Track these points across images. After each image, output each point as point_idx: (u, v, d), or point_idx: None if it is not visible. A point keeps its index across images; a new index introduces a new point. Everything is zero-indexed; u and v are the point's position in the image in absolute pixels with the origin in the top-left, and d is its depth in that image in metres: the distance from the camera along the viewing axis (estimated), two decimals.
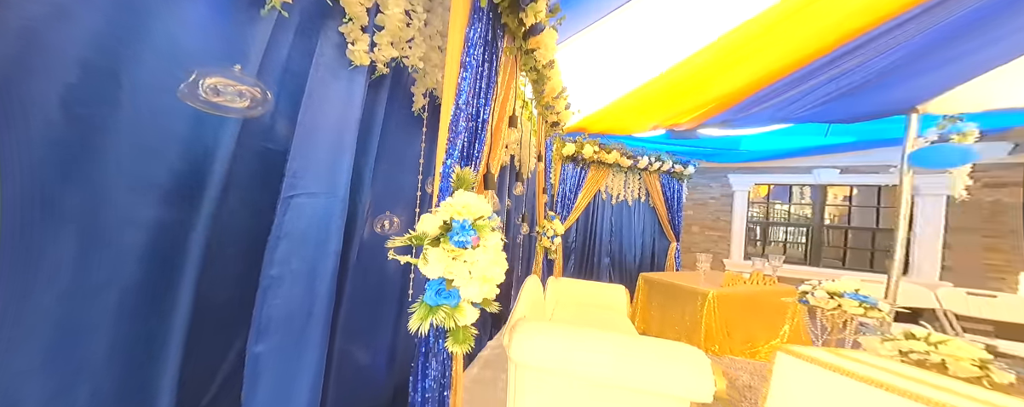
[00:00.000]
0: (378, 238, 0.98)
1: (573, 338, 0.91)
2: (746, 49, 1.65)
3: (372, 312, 1.02)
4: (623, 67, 2.03)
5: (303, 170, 0.73)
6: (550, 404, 0.91)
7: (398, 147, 1.06)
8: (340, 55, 0.79)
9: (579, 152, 3.20)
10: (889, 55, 1.55)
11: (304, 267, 0.74)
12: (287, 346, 0.71)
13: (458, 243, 0.64)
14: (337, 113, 0.79)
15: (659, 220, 3.67)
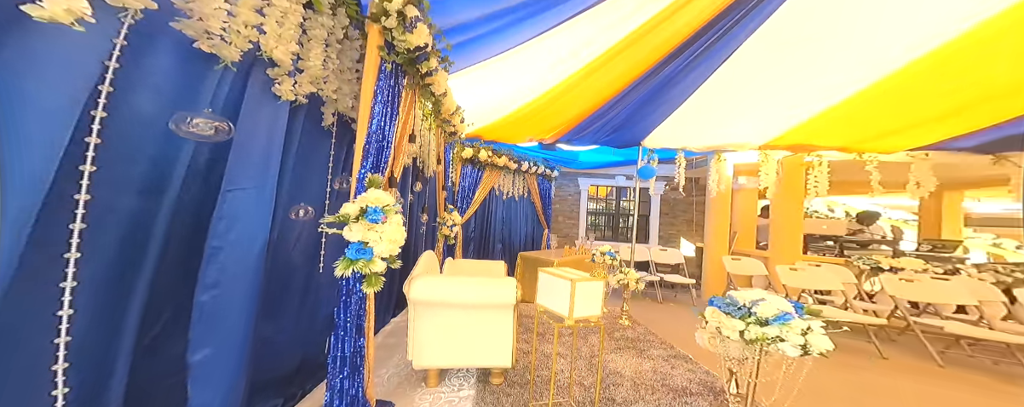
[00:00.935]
0: (293, 222, 1.25)
1: (445, 281, 1.46)
2: (573, 93, 2.60)
3: (286, 278, 1.28)
4: (508, 93, 2.73)
5: (237, 173, 0.99)
6: (435, 323, 1.44)
7: (311, 155, 1.34)
8: (267, 90, 1.06)
9: (476, 155, 3.81)
10: (635, 106, 2.80)
11: (240, 240, 0.99)
12: (228, 293, 0.96)
13: (372, 220, 1.07)
14: (265, 132, 1.06)
15: (536, 212, 4.74)
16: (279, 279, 1.21)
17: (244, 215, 0.99)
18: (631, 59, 2.18)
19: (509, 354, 1.56)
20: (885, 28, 1.73)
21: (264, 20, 1.01)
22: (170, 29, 0.80)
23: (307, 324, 1.41)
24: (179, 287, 0.90)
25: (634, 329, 2.67)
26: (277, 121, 1.10)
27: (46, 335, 0.65)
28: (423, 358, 1.46)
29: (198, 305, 0.90)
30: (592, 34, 1.94)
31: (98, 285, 0.72)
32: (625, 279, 2.73)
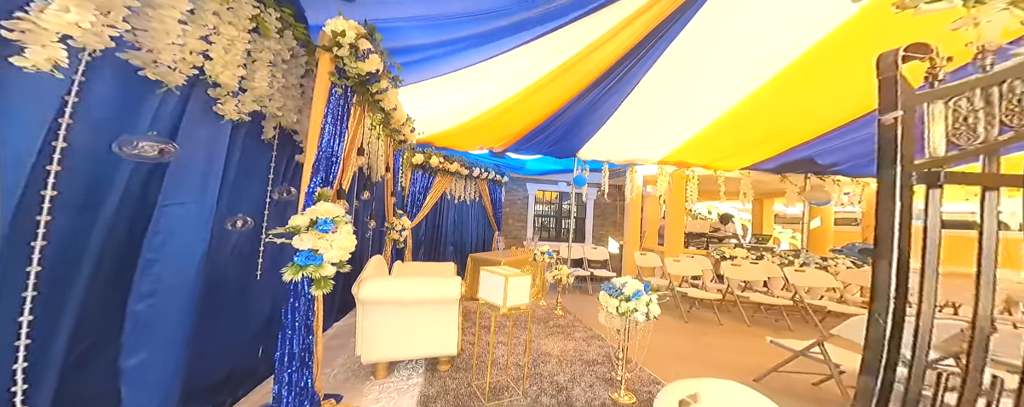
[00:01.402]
0: (231, 233, 1.31)
1: (394, 281, 1.64)
2: (520, 108, 2.93)
3: (223, 286, 1.31)
4: (460, 104, 2.93)
5: (175, 189, 1.04)
6: (384, 320, 1.60)
7: (251, 167, 1.40)
8: (208, 110, 1.13)
9: (427, 161, 3.93)
10: (569, 124, 3.27)
11: (177, 252, 1.04)
12: (164, 302, 1.02)
13: (323, 230, 1.21)
14: (205, 150, 1.12)
15: (487, 215, 5.02)
16: (217, 287, 1.25)
17: (181, 229, 1.05)
18: (566, 83, 2.59)
19: (454, 343, 1.79)
20: (726, 71, 2.42)
21: (210, 47, 1.08)
22: (113, 57, 0.86)
23: (241, 331, 1.44)
24: (113, 298, 0.94)
25: (565, 318, 3.12)
26: (218, 139, 1.16)
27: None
28: (372, 352, 1.61)
29: (132, 314, 0.95)
30: (533, 62, 2.27)
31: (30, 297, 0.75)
32: (559, 274, 3.17)
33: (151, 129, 0.94)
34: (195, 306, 1.10)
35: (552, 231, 6.07)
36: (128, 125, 0.89)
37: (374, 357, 1.63)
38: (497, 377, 1.86)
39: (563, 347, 2.40)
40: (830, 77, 2.31)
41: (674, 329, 3.03)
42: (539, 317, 3.11)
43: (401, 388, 1.64)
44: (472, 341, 2.39)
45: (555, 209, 6.14)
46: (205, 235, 1.12)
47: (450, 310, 1.78)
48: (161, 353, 1.00)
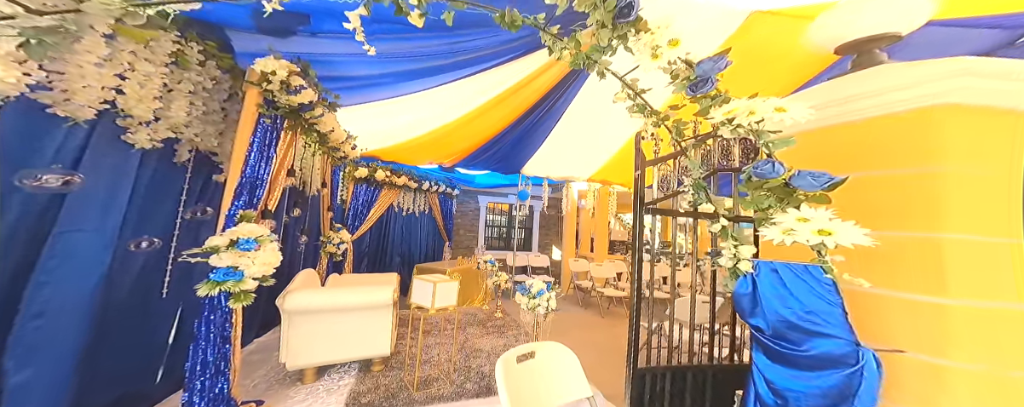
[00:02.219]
0: (135, 254, 1.34)
1: (321, 292, 1.79)
2: (467, 128, 3.22)
3: (124, 307, 1.34)
4: (407, 122, 3.12)
5: (75, 216, 1.09)
6: (312, 329, 1.73)
7: (160, 190, 1.44)
8: (115, 139, 1.20)
9: (372, 175, 4.00)
10: (512, 143, 3.66)
11: (70, 275, 1.09)
12: (53, 324, 1.05)
13: (244, 249, 1.35)
14: (109, 178, 1.18)
15: (438, 227, 5.18)
16: (115, 309, 1.27)
17: (78, 253, 1.10)
18: (507, 108, 2.92)
19: (388, 344, 1.96)
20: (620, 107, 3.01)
21: (124, 83, 1.17)
22: (23, 97, 0.94)
23: (141, 350, 1.45)
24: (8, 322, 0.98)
25: (503, 320, 3.43)
26: (125, 167, 1.24)
27: None
28: (298, 359, 1.71)
29: (22, 334, 0.98)
30: (474, 91, 2.54)
31: None
32: (498, 280, 3.48)
33: (55, 161, 1.02)
34: (88, 328, 1.14)
35: (504, 241, 6.42)
36: (32, 158, 0.97)
37: (301, 363, 1.74)
38: (429, 372, 2.06)
39: (494, 344, 2.68)
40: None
41: (592, 323, 3.53)
42: (479, 320, 3.37)
43: (331, 389, 1.76)
44: (408, 345, 2.55)
45: (506, 220, 6.52)
46: (104, 258, 1.18)
47: (384, 314, 1.96)
48: (47, 372, 1.03)
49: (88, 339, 1.12)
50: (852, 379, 0.99)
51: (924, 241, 1.04)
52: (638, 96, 1.35)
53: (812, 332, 1.02)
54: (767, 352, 1.09)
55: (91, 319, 1.12)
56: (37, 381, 0.99)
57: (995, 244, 1.00)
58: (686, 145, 1.31)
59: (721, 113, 1.12)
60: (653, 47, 1.15)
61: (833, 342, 1.00)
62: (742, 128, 1.08)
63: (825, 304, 0.99)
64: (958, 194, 1.01)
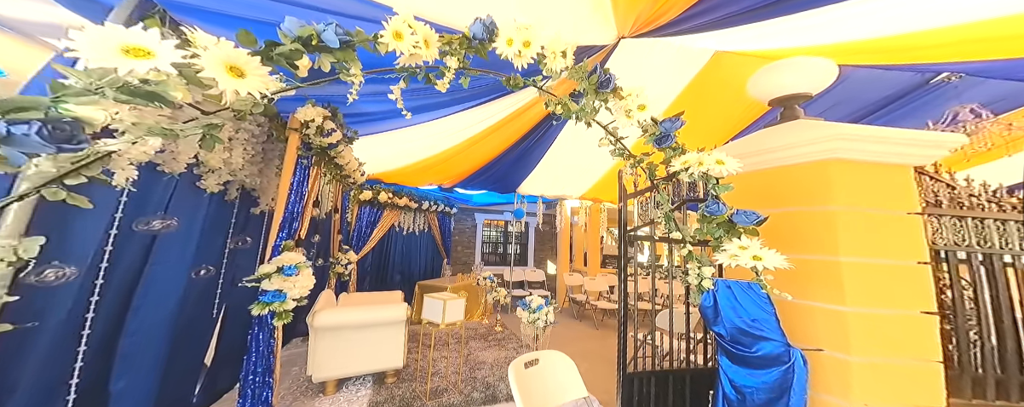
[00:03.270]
0: (197, 280, 1.58)
1: (346, 309, 2.00)
2: (465, 153, 3.52)
3: (189, 325, 1.55)
4: (410, 149, 3.41)
5: (162, 251, 1.34)
6: (334, 344, 1.93)
7: (215, 225, 1.68)
8: (192, 185, 1.47)
9: (376, 197, 4.24)
10: (509, 164, 3.97)
11: (157, 300, 1.32)
12: (145, 339, 1.28)
13: (287, 274, 1.58)
14: (187, 218, 1.44)
15: (437, 245, 5.39)
16: (182, 328, 1.49)
17: (161, 282, 1.33)
18: (503, 135, 3.23)
19: (400, 358, 2.16)
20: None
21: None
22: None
23: (196, 362, 1.64)
24: (113, 336, 1.19)
25: (503, 333, 3.63)
26: (198, 208, 1.50)
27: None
28: (322, 371, 1.90)
29: (121, 348, 1.20)
30: (473, 121, 2.84)
31: (54, 334, 1.02)
32: (497, 295, 3.70)
33: (158, 208, 1.27)
34: (166, 344, 1.37)
35: (500, 256, 6.65)
36: (144, 207, 1.22)
37: (324, 375, 1.92)
38: (438, 383, 2.25)
39: (496, 356, 2.89)
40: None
41: (586, 335, 3.76)
42: (480, 334, 3.56)
43: (351, 400, 1.94)
44: (417, 358, 2.73)
45: (502, 236, 6.77)
46: (179, 286, 1.41)
47: (397, 330, 2.17)
48: (140, 377, 1.24)
49: (165, 354, 1.32)
50: (788, 374, 1.27)
51: (829, 262, 1.34)
52: (618, 142, 1.68)
53: (758, 336, 1.28)
54: (728, 355, 1.33)
55: (168, 337, 1.33)
56: (132, 387, 1.19)
57: (873, 264, 1.33)
58: (657, 183, 1.63)
59: (679, 162, 1.45)
60: (627, 110, 1.49)
61: (772, 344, 1.28)
62: (694, 175, 1.41)
63: (764, 313, 1.25)
64: (845, 226, 1.33)
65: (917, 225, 1.38)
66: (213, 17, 1.15)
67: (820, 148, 1.39)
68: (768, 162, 1.60)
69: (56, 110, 0.55)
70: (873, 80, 2.16)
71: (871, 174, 1.38)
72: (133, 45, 0.61)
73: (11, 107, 0.51)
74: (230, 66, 0.77)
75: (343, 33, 0.99)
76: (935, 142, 1.38)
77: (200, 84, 0.74)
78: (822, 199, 1.39)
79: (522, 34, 1.22)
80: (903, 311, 1.30)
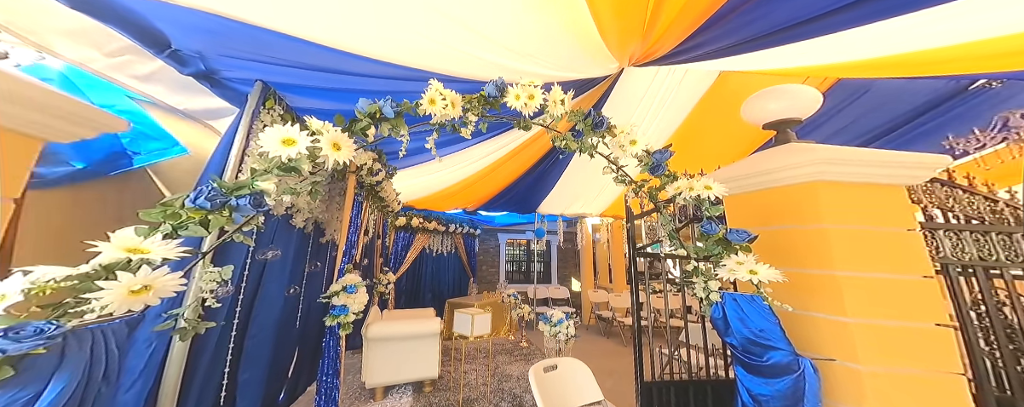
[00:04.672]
0: (289, 297, 1.98)
1: (392, 324, 2.32)
2: (487, 178, 3.89)
3: (284, 332, 1.95)
4: (438, 178, 3.86)
5: (269, 274, 1.77)
6: (384, 353, 2.23)
7: (298, 252, 2.13)
8: (286, 222, 1.93)
9: (409, 223, 4.72)
10: (528, 186, 4.28)
11: (267, 310, 1.74)
12: (260, 340, 1.67)
13: (349, 292, 1.96)
14: (284, 248, 1.89)
15: (463, 264, 5.72)
16: (280, 335, 1.88)
17: (270, 297, 1.75)
18: (521, 159, 3.55)
19: (436, 368, 2.41)
20: None
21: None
22: None
23: (286, 363, 2.02)
24: (242, 338, 1.58)
25: (528, 348, 3.75)
26: (290, 240, 1.94)
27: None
28: (373, 378, 2.19)
29: (247, 347, 1.59)
30: (495, 148, 3.22)
31: (218, 336, 1.41)
32: (521, 312, 3.87)
33: (269, 242, 1.71)
34: (272, 347, 1.75)
35: (523, 274, 6.81)
36: (260, 241, 1.65)
37: (375, 382, 2.21)
38: (470, 393, 2.45)
39: (522, 370, 3.02)
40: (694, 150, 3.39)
41: (613, 351, 3.76)
42: (507, 349, 3.71)
43: (396, 405, 2.20)
44: (450, 370, 2.95)
45: (524, 255, 6.98)
46: (280, 300, 1.82)
47: (433, 343, 2.44)
48: (257, 371, 1.61)
49: (270, 354, 1.70)
50: (798, 383, 1.32)
51: (826, 276, 1.41)
52: (619, 170, 1.93)
53: (767, 346, 1.35)
54: (743, 365, 1.38)
55: (272, 342, 1.72)
56: (252, 379, 1.56)
57: (874, 278, 1.36)
58: (660, 205, 1.81)
59: (672, 188, 1.65)
60: (621, 145, 1.75)
61: (780, 353, 1.36)
62: (687, 200, 1.60)
63: (768, 323, 1.31)
64: (838, 242, 1.40)
65: (917, 241, 1.40)
66: (302, 90, 1.60)
67: (807, 171, 1.49)
68: (764, 183, 1.68)
69: (253, 186, 0.94)
70: (899, 91, 2.13)
71: (860, 194, 1.45)
72: (287, 137, 1.01)
73: (234, 187, 0.91)
74: (334, 143, 1.17)
75: (395, 105, 1.38)
76: (920, 163, 1.43)
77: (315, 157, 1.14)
78: (813, 218, 1.47)
79: (526, 91, 1.54)
80: (912, 323, 1.32)
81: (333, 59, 1.30)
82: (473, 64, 1.51)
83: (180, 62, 1.15)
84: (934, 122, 2.32)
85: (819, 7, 1.25)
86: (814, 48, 1.54)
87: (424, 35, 1.22)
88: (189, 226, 0.80)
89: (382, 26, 1.15)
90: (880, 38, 1.39)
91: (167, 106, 1.34)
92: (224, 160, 1.25)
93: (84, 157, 1.21)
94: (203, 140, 1.58)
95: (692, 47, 1.60)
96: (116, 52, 1.02)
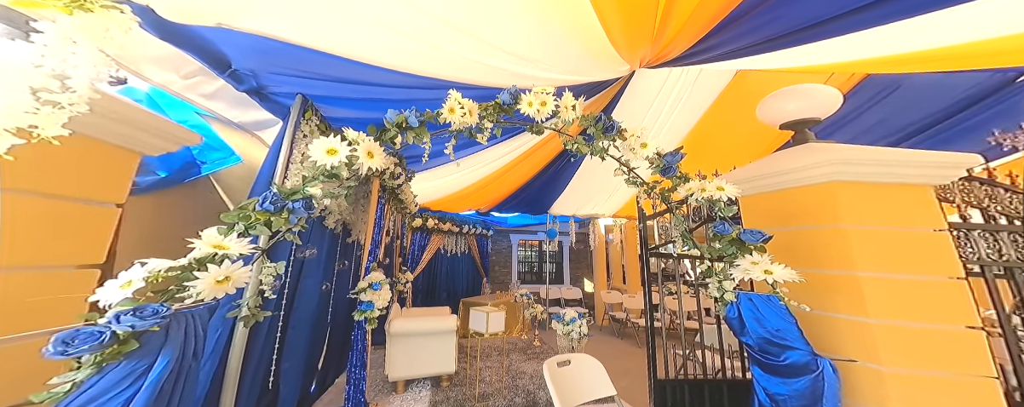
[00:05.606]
0: (323, 293, 2.13)
1: (412, 320, 2.45)
2: (500, 180, 3.99)
3: (317, 326, 2.10)
4: (452, 180, 3.99)
5: (307, 271, 1.92)
6: (405, 348, 2.36)
7: (330, 251, 2.28)
8: (320, 224, 2.08)
9: (425, 224, 4.88)
10: (539, 188, 4.36)
11: (305, 304, 1.89)
12: (298, 332, 1.82)
13: (375, 289, 2.09)
14: (318, 247, 2.04)
15: (476, 265, 5.84)
16: (315, 327, 2.02)
17: (307, 292, 1.89)
18: (532, 161, 3.59)
19: (453, 363, 2.52)
20: None
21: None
22: None
23: (318, 355, 2.16)
24: (285, 329, 1.73)
25: (541, 347, 3.81)
26: (323, 240, 2.09)
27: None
28: (395, 371, 2.32)
29: (288, 337, 1.74)
30: (507, 151, 3.29)
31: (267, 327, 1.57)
32: (534, 311, 3.94)
33: (307, 242, 1.86)
34: (309, 337, 1.89)
35: (535, 275, 6.88)
36: (302, 240, 1.80)
37: (397, 375, 2.34)
38: (485, 389, 2.54)
39: (535, 368, 3.09)
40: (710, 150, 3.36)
41: (627, 352, 3.77)
42: (520, 348, 3.78)
43: (416, 398, 2.32)
44: (465, 367, 3.05)
45: (536, 255, 7.04)
46: (316, 295, 1.97)
47: (450, 339, 2.55)
48: (297, 360, 1.75)
49: (307, 345, 1.85)
50: (817, 382, 1.30)
51: (847, 277, 1.37)
52: (631, 172, 1.98)
53: (784, 346, 1.32)
54: (759, 364, 1.38)
55: (308, 334, 1.86)
56: (292, 368, 1.70)
57: (898, 280, 1.32)
58: (672, 206, 1.84)
59: (684, 189, 1.68)
60: (632, 149, 1.80)
61: (798, 353, 1.35)
62: (699, 201, 1.63)
63: (785, 323, 1.31)
64: (859, 243, 1.36)
65: (945, 242, 1.35)
66: (333, 101, 1.73)
67: (824, 171, 1.46)
68: (780, 184, 1.65)
69: (304, 191, 1.07)
70: (935, 85, 1.95)
71: (881, 194, 1.41)
72: (330, 147, 1.14)
73: (290, 192, 1.04)
74: (368, 151, 1.29)
75: (419, 115, 1.49)
76: (944, 162, 1.39)
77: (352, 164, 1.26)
78: (831, 218, 1.44)
79: (539, 98, 1.61)
80: (940, 325, 1.28)
81: (360, 72, 1.42)
82: (486, 72, 1.60)
83: (237, 80, 1.30)
84: (977, 118, 2.15)
85: (842, 6, 1.18)
86: (839, 45, 1.46)
87: (440, 47, 1.32)
88: (256, 226, 0.93)
89: (403, 41, 1.26)
90: (913, 31, 1.29)
91: (225, 120, 1.51)
92: (273, 167, 1.39)
93: (166, 167, 1.39)
94: (251, 148, 1.75)
95: (706, 49, 1.58)
96: (189, 74, 1.18)
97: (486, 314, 2.46)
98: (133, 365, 0.69)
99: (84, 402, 0.62)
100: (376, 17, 1.11)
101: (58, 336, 0.59)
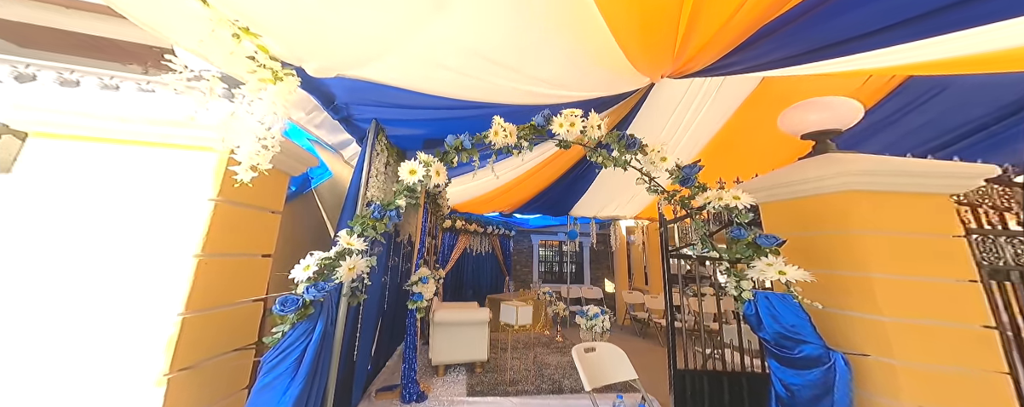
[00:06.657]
0: (382, 285, 2.49)
1: (452, 311, 2.78)
2: (523, 184, 4.25)
3: (377, 311, 2.47)
4: (479, 184, 4.31)
5: (376, 268, 2.29)
6: (448, 336, 2.68)
7: (386, 250, 2.64)
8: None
9: (454, 225, 5.25)
10: (561, 191, 4.58)
11: (371, 298, 2.24)
12: (366, 317, 2.17)
13: (423, 282, 2.42)
14: (381, 243, 2.41)
15: (499, 264, 6.14)
16: (376, 313, 2.39)
17: (373, 284, 2.25)
18: (556, 166, 3.77)
19: (486, 352, 2.82)
20: None
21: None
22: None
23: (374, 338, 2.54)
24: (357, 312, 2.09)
25: (563, 343, 4.03)
26: (385, 239, 2.45)
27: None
28: (439, 356, 2.65)
29: (362, 320, 2.09)
30: (529, 157, 3.48)
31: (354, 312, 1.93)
32: (556, 309, 4.17)
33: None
34: (375, 320, 2.25)
35: (556, 275, 7.08)
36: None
37: (440, 359, 2.67)
38: (514, 376, 2.82)
39: (560, 360, 3.33)
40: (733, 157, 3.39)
41: (648, 350, 3.91)
42: (543, 343, 4.03)
43: (455, 381, 2.64)
44: (496, 357, 3.34)
45: (556, 256, 7.25)
46: (378, 286, 2.33)
47: (483, 329, 2.86)
48: (366, 343, 2.11)
49: (373, 326, 2.21)
50: (829, 373, 1.42)
51: (859, 278, 1.47)
52: (651, 181, 2.17)
53: (798, 340, 1.44)
54: (776, 358, 1.50)
55: (374, 317, 2.23)
56: (364, 342, 2.06)
57: (911, 282, 1.41)
58: (691, 211, 2.00)
59: (702, 198, 1.85)
60: (652, 162, 2.00)
61: (811, 347, 1.46)
62: (716, 208, 1.80)
63: (799, 320, 1.43)
64: (873, 247, 1.45)
65: (961, 247, 1.42)
66: (395, 122, 2.01)
67: (842, 181, 1.54)
68: (799, 192, 1.74)
69: (395, 203, 1.40)
70: (979, 87, 1.89)
71: (897, 203, 1.48)
72: (411, 168, 1.46)
73: (387, 203, 1.37)
74: (437, 171, 1.60)
75: (470, 138, 1.79)
76: (959, 173, 1.46)
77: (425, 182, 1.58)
78: (847, 225, 1.53)
79: (569, 120, 1.85)
80: (953, 324, 1.35)
81: (420, 99, 1.71)
82: (522, 96, 1.81)
83: (335, 111, 1.66)
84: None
85: (890, 17, 1.04)
86: (880, 54, 1.33)
87: (489, 81, 1.56)
88: (368, 229, 1.26)
89: (460, 77, 1.51)
90: (961, 38, 1.14)
91: (323, 142, 1.88)
92: (359, 180, 1.74)
93: (296, 183, 1.79)
94: (334, 164, 2.13)
95: (732, 63, 1.55)
96: (310, 109, 1.55)
97: (516, 308, 2.73)
98: (307, 324, 1.02)
99: (285, 346, 0.96)
100: (445, 62, 1.40)
101: (279, 299, 0.93)
